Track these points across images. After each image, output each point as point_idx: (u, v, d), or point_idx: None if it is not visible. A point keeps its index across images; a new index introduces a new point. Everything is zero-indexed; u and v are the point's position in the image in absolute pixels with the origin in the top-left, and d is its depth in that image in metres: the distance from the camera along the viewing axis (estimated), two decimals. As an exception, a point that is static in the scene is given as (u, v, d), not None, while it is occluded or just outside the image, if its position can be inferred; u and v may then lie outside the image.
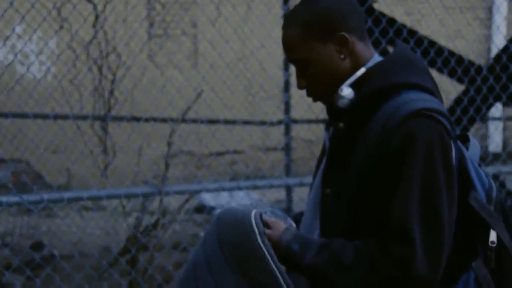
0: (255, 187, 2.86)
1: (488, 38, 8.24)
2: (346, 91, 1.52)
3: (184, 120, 3.43)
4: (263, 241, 1.44)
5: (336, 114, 1.55)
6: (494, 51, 7.55)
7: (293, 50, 1.53)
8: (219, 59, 4.55)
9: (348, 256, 1.43)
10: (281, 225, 1.50)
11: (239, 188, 2.82)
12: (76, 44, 4.50)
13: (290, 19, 1.55)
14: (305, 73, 1.54)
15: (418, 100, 1.46)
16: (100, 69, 4.42)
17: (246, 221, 1.45)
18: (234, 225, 1.46)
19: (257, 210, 1.49)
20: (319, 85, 1.54)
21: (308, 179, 3.05)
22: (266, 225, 1.48)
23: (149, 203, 3.07)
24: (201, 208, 5.87)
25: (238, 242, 1.45)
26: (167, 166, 2.80)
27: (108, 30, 4.54)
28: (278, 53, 5.02)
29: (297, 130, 6.35)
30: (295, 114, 5.53)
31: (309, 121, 5.59)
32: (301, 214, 1.68)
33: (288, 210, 5.01)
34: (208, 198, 6.03)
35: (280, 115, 5.37)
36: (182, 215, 4.73)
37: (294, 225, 1.54)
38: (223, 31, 4.79)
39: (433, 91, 1.52)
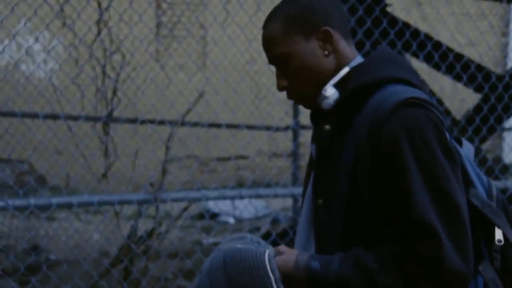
0: (258, 196, 2.71)
1: (505, 46, 8.08)
2: (330, 91, 1.44)
3: (183, 123, 3.28)
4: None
5: (320, 117, 1.47)
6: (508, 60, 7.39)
7: (274, 47, 1.46)
8: (225, 61, 4.41)
9: (373, 263, 1.34)
10: (293, 250, 1.41)
11: (241, 197, 2.66)
12: (79, 43, 4.37)
13: (271, 17, 1.49)
14: (287, 71, 1.46)
15: (405, 91, 1.40)
16: (103, 68, 4.27)
17: (260, 266, 1.35)
18: (245, 271, 1.35)
19: (270, 250, 1.37)
20: (301, 84, 1.46)
21: None
22: (278, 251, 1.40)
23: (147, 208, 2.92)
24: (203, 214, 5.71)
25: None
26: (164, 171, 2.63)
27: (112, 28, 4.41)
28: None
29: (305, 136, 6.20)
30: (303, 119, 5.38)
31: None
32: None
33: (294, 219, 4.86)
34: (211, 204, 5.88)
35: (288, 120, 5.22)
36: (182, 221, 4.58)
37: None
38: (231, 33, 4.65)
39: (419, 86, 1.45)
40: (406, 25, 3.96)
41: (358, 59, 1.48)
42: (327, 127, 1.43)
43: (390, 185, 1.34)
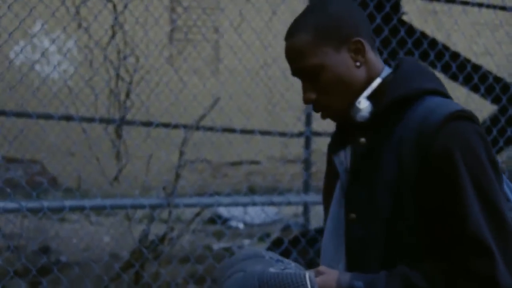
0: (271, 203, 2.68)
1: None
2: (365, 104, 1.40)
3: (197, 128, 3.26)
4: None
5: (352, 130, 1.43)
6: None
7: (303, 58, 1.40)
8: (240, 65, 4.40)
9: (423, 281, 1.31)
10: (333, 270, 1.36)
11: (254, 204, 2.64)
12: (94, 45, 4.37)
13: (297, 26, 1.43)
14: (316, 84, 1.41)
15: (448, 103, 1.37)
16: (117, 71, 4.28)
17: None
18: None
19: (310, 272, 1.31)
20: (332, 97, 1.41)
21: None
22: (317, 272, 1.35)
23: (160, 211, 2.90)
24: (214, 219, 5.70)
25: None
26: (177, 176, 2.61)
27: (127, 31, 4.41)
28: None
29: (318, 143, 6.16)
30: (316, 126, 5.35)
31: (331, 134, 5.39)
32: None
33: (305, 226, 4.83)
34: (221, 208, 5.86)
35: (301, 126, 5.19)
36: (193, 226, 4.55)
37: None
38: (246, 37, 4.64)
39: (451, 97, 1.45)
40: (424, 34, 3.94)
41: (387, 70, 1.45)
42: (363, 140, 1.39)
43: (442, 200, 1.32)
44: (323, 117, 1.44)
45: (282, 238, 4.00)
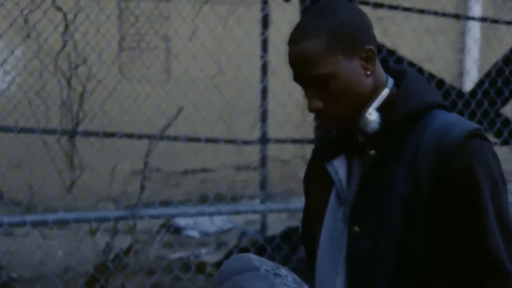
0: (237, 212, 2.68)
1: (460, 62, 8.27)
2: (375, 115, 1.38)
3: (149, 137, 3.23)
4: None
5: (356, 140, 1.40)
6: (465, 76, 7.57)
7: (314, 65, 1.34)
8: (186, 74, 4.40)
9: None
10: None
11: (220, 213, 2.63)
12: (44, 54, 4.28)
13: (307, 30, 1.35)
14: (325, 92, 1.36)
15: (464, 121, 1.39)
16: (69, 81, 4.19)
17: None
18: None
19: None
20: (339, 106, 1.37)
21: (294, 205, 2.88)
22: None
23: (123, 223, 2.84)
24: (168, 227, 5.63)
25: None
26: (142, 187, 2.57)
27: (78, 40, 4.33)
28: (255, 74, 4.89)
29: (271, 149, 6.18)
30: (270, 132, 5.37)
31: (284, 141, 5.44)
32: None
33: (262, 231, 4.84)
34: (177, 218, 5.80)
35: (255, 133, 5.21)
36: (146, 236, 4.49)
37: None
38: (198, 45, 4.64)
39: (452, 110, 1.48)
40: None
41: (390, 80, 1.43)
42: (372, 152, 1.37)
43: (462, 215, 1.31)
44: (327, 125, 1.40)
45: (247, 246, 4.00)
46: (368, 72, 1.38)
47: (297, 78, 1.38)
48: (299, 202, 2.76)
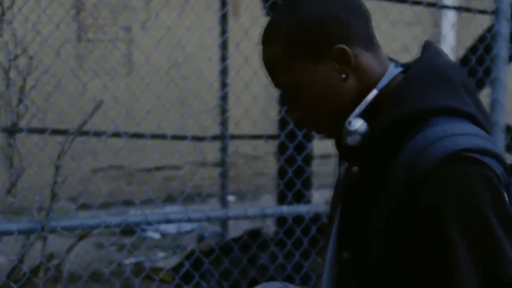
0: (208, 219, 2.41)
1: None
2: (357, 124, 1.10)
3: (96, 134, 2.92)
4: None
5: (346, 153, 1.16)
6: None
7: (276, 74, 1.13)
8: (147, 65, 4.10)
9: None
10: None
11: (190, 220, 2.36)
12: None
13: (268, 32, 1.14)
14: (297, 102, 1.13)
15: (455, 135, 1.04)
16: (7, 73, 3.87)
17: None
18: None
19: None
20: (318, 116, 1.13)
21: (272, 209, 2.60)
22: None
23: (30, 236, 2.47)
24: (128, 230, 5.34)
25: None
26: (54, 195, 2.25)
27: (18, 28, 4.01)
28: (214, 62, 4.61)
29: (236, 145, 5.93)
30: (232, 128, 5.10)
31: (251, 136, 5.15)
32: None
33: (222, 236, 4.58)
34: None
35: (217, 129, 4.94)
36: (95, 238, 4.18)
37: None
38: (157, 36, 4.35)
39: (476, 116, 1.10)
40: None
41: (391, 72, 1.13)
42: (355, 168, 1.11)
43: (430, 263, 1.02)
44: (325, 136, 1.17)
45: (195, 250, 3.75)
46: (344, 75, 1.11)
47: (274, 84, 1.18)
48: (256, 207, 2.51)
